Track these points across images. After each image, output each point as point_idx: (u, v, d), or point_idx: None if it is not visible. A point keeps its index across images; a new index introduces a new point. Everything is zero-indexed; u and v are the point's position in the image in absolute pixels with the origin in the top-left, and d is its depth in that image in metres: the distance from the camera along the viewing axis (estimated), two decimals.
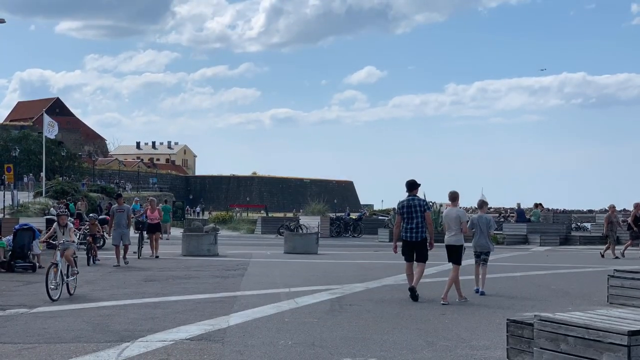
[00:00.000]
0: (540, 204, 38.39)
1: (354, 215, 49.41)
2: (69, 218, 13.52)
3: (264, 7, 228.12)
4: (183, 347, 8.03)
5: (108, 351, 7.77)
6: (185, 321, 9.72)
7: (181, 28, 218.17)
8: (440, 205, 34.88)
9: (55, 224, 13.08)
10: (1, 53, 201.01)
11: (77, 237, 17.58)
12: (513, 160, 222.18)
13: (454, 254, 12.35)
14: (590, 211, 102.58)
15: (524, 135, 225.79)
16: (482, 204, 13.77)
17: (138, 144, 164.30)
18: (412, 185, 12.48)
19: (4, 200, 38.92)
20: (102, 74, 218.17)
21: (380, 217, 50.64)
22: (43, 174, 55.20)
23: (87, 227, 21.34)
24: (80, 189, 56.64)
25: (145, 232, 22.48)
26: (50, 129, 53.32)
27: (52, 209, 36.54)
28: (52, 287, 11.80)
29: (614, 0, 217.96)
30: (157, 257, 21.36)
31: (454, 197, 12.72)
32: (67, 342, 8.27)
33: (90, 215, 24.24)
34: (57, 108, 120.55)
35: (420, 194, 12.74)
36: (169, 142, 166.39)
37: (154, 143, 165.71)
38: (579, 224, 51.95)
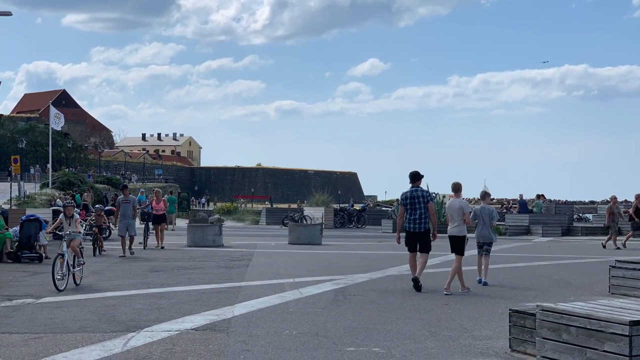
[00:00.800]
0: (543, 195, 38.35)
1: (357, 207, 49.47)
2: (75, 209, 13.58)
3: (268, 0, 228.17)
4: (188, 337, 8.10)
5: (114, 341, 7.83)
6: (191, 311, 9.79)
7: (186, 21, 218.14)
8: (443, 197, 34.96)
9: (62, 215, 13.18)
10: (8, 45, 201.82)
11: (83, 228, 17.67)
12: (515, 152, 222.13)
13: (457, 245, 12.39)
14: (592, 202, 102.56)
15: (526, 127, 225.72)
16: (485, 195, 13.81)
17: (144, 135, 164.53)
18: (415, 177, 12.52)
19: (10, 192, 39.12)
20: (108, 66, 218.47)
21: (383, 208, 50.64)
22: (49, 166, 55.39)
23: (93, 218, 21.44)
24: (86, 180, 56.81)
25: (150, 223, 22.61)
26: (57, 120, 53.49)
27: (58, 200, 36.70)
28: (59, 277, 11.89)
29: None
30: (162, 247, 21.45)
31: (456, 188, 12.76)
32: (73, 332, 8.34)
33: (96, 206, 24.36)
34: (63, 100, 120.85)
35: (423, 185, 12.77)
36: (174, 134, 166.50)
37: (159, 135, 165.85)
38: (580, 215, 51.83)
